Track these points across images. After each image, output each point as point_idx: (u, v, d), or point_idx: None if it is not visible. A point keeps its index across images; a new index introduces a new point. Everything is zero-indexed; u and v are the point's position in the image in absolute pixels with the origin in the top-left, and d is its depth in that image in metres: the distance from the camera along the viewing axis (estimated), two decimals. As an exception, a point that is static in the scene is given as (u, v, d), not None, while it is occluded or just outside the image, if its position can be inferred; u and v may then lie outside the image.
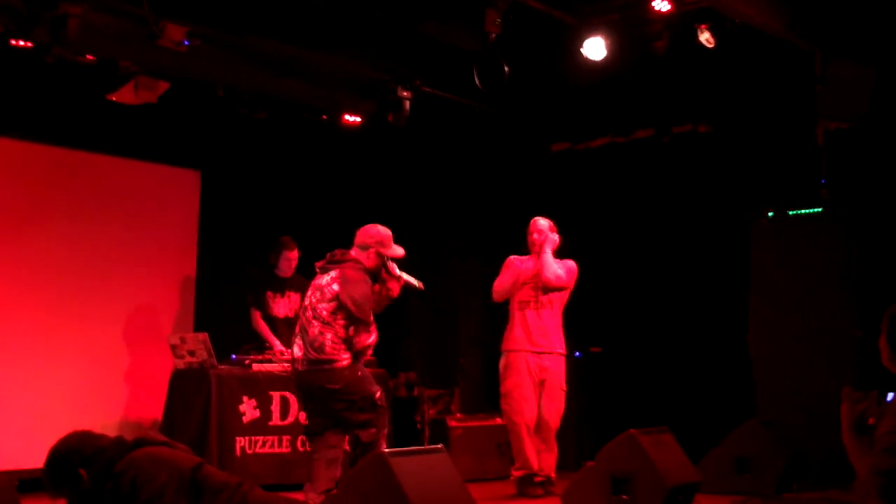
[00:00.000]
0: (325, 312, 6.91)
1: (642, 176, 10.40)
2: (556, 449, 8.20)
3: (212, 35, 8.39)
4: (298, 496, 6.75)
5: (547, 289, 8.21)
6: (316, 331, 6.90)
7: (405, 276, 7.31)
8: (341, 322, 6.92)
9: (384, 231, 7.26)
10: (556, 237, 8.35)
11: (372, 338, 7.08)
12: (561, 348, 8.27)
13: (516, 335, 8.21)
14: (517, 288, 8.29)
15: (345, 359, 6.91)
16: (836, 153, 9.09)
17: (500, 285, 8.37)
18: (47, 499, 7.06)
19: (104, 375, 9.26)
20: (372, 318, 7.04)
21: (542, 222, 8.39)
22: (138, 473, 4.06)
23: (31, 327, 8.89)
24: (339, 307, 6.91)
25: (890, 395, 3.79)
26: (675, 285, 10.16)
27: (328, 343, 6.88)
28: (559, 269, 8.24)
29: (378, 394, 7.00)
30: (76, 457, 4.21)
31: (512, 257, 8.45)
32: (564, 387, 8.22)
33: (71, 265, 9.19)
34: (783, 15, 8.39)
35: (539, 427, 8.10)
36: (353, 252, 7.14)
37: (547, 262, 8.20)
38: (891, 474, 3.44)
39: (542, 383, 8.14)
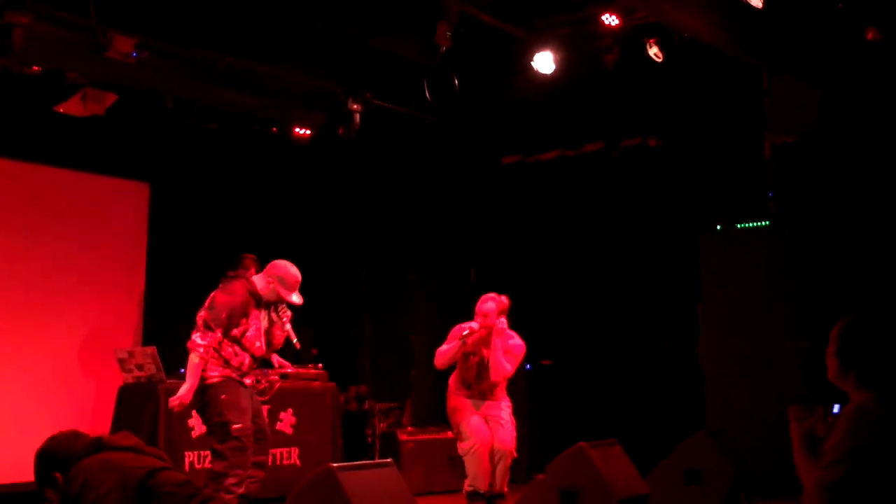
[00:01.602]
0: (199, 322, 6.71)
1: (592, 189, 10.46)
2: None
3: (160, 47, 8.33)
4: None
5: (495, 384, 7.97)
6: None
7: (289, 328, 7.02)
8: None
9: (293, 272, 6.94)
10: (503, 322, 7.79)
11: (243, 359, 6.80)
12: (507, 406, 7.97)
13: (462, 403, 7.88)
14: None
15: (214, 376, 6.67)
16: (783, 167, 9.17)
17: (444, 354, 7.85)
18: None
19: (51, 390, 9.14)
20: (241, 334, 6.77)
21: (489, 305, 7.76)
22: (86, 479, 4.00)
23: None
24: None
25: (836, 408, 3.81)
26: (625, 298, 10.21)
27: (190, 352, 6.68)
28: (507, 366, 7.73)
29: (237, 426, 6.59)
30: (51, 459, 4.19)
31: (458, 326, 7.97)
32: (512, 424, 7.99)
33: (17, 278, 9.07)
34: (730, 31, 8.48)
35: (492, 452, 7.91)
36: (254, 276, 7.06)
37: (497, 362, 7.71)
38: (836, 487, 3.46)
39: (489, 417, 7.91)
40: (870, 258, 8.61)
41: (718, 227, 9.50)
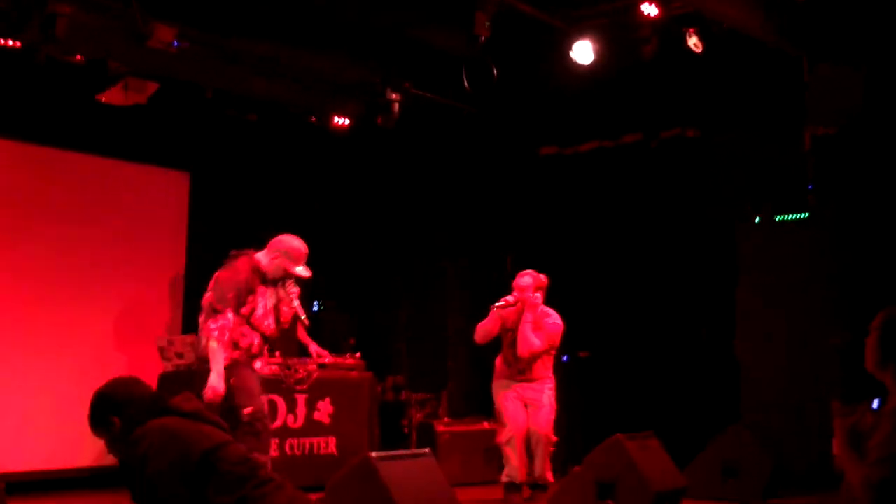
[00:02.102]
0: (205, 305, 6.58)
1: (630, 180, 10.42)
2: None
3: (201, 37, 8.40)
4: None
5: (523, 360, 8.05)
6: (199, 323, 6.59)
7: (297, 304, 6.85)
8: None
9: (298, 245, 6.81)
10: (538, 297, 7.93)
11: (253, 340, 6.61)
12: (550, 388, 8.06)
13: (502, 386, 8.02)
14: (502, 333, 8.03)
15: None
16: (823, 158, 9.12)
17: (481, 328, 7.96)
18: (34, 502, 7.07)
19: (92, 378, 9.03)
20: (249, 313, 6.61)
21: (525, 280, 7.92)
22: (149, 447, 4.02)
23: (18, 329, 8.86)
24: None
25: (875, 403, 3.80)
26: (663, 289, 10.18)
27: (202, 339, 6.52)
28: (534, 341, 7.83)
29: (248, 410, 6.40)
30: (110, 403, 4.22)
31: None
32: (553, 407, 8.06)
33: (60, 266, 9.17)
34: (771, 20, 8.43)
35: (528, 436, 7.96)
36: (258, 253, 6.80)
37: (523, 336, 7.83)
38: (883, 485, 3.45)
39: (528, 400, 7.98)
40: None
41: (757, 218, 9.46)
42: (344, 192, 11.15)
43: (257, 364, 6.70)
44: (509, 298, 7.85)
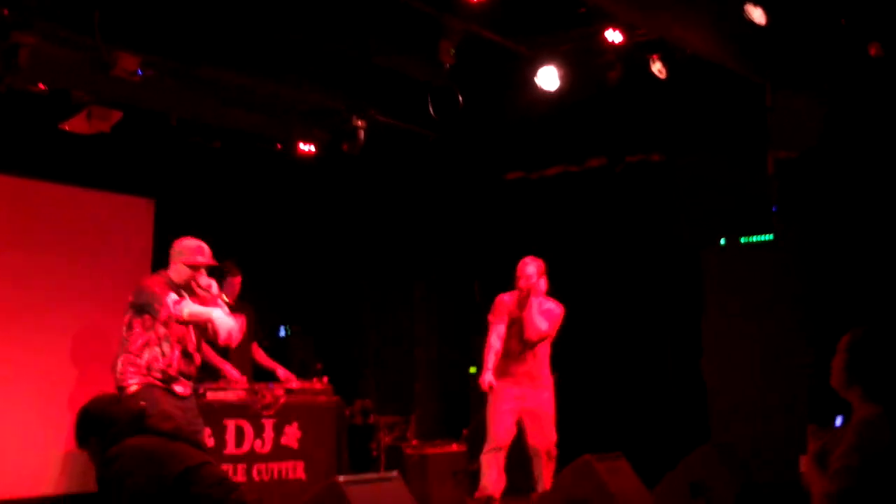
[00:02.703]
0: (123, 329, 6.48)
1: (596, 204, 10.49)
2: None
3: (165, 65, 8.38)
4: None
5: (530, 343, 8.16)
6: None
7: (216, 292, 6.75)
8: (135, 334, 6.42)
9: (189, 242, 6.78)
10: (543, 284, 8.20)
11: (172, 358, 6.39)
12: (548, 385, 8.24)
13: (499, 389, 8.14)
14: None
15: (132, 384, 6.28)
16: (787, 182, 9.21)
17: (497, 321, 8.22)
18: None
19: (53, 407, 9.12)
20: (184, 338, 6.48)
21: (531, 268, 8.17)
22: (123, 465, 4.03)
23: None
24: (133, 314, 6.43)
25: (839, 420, 3.85)
26: (629, 312, 10.23)
27: (118, 364, 6.41)
28: (542, 324, 8.08)
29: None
30: (89, 422, 4.24)
31: (501, 296, 8.35)
32: (553, 415, 8.18)
33: (21, 295, 9.08)
34: (733, 48, 8.54)
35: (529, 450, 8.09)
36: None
37: (530, 319, 8.06)
38: (843, 495, 3.50)
39: (526, 411, 8.10)
40: (874, 271, 8.63)
41: (722, 240, 9.53)
42: (310, 218, 11.15)
43: (178, 388, 6.40)
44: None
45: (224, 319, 6.33)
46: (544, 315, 8.11)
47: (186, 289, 6.61)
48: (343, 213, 11.17)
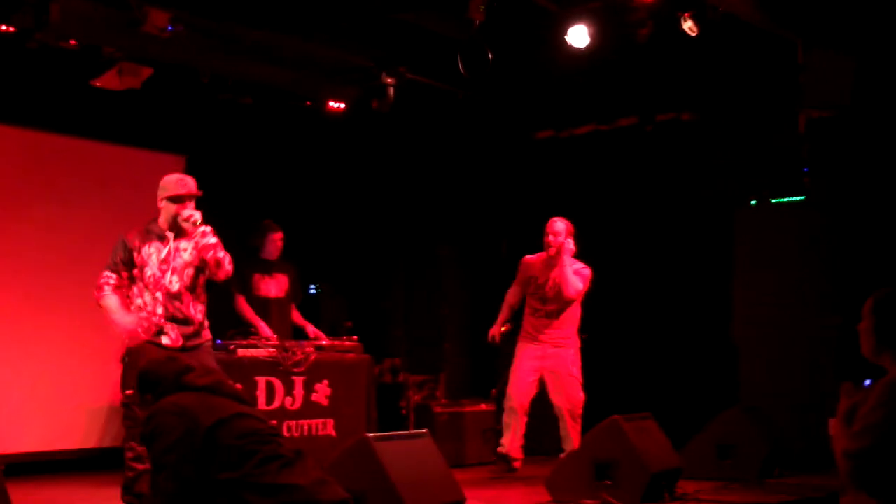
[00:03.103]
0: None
1: (626, 164, 10.45)
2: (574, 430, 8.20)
3: (195, 21, 8.37)
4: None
5: (565, 301, 8.18)
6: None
7: (214, 241, 6.31)
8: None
9: (170, 176, 6.45)
10: (571, 244, 8.25)
11: (155, 304, 6.23)
12: (572, 344, 8.30)
13: (526, 335, 8.32)
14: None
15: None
16: (818, 141, 9.15)
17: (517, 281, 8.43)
18: (33, 484, 7.09)
19: (88, 359, 9.24)
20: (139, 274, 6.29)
21: (560, 225, 8.21)
22: (157, 424, 4.09)
23: (13, 312, 8.87)
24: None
25: (867, 382, 3.82)
26: (659, 273, 10.21)
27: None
28: (578, 283, 8.17)
29: (128, 392, 5.82)
30: (143, 380, 4.33)
31: (525, 258, 8.45)
32: (576, 374, 8.24)
33: (54, 250, 9.17)
34: (766, 5, 8.43)
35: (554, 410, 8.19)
36: None
37: (567, 277, 8.11)
38: (861, 454, 3.49)
39: (547, 371, 8.17)
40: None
41: (753, 201, 9.49)
42: (340, 176, 11.15)
43: (164, 339, 6.18)
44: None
45: (121, 322, 6.17)
46: (576, 273, 8.14)
47: (174, 226, 6.31)
48: (373, 171, 11.17)
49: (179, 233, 6.34)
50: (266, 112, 10.12)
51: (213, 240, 6.28)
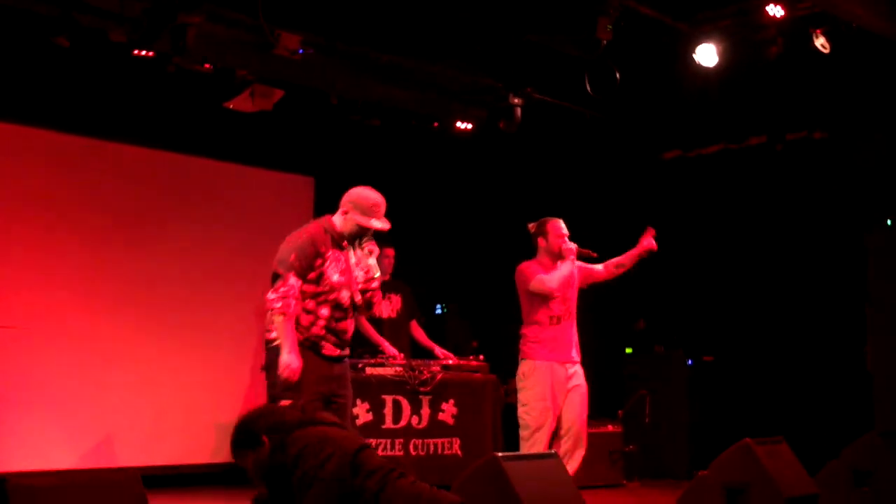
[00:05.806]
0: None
1: (755, 183, 10.30)
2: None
3: (325, 44, 8.52)
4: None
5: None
6: None
7: (372, 263, 6.00)
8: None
9: (368, 193, 6.03)
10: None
11: (318, 316, 5.70)
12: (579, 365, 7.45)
13: (547, 348, 7.44)
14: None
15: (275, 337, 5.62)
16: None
17: (553, 280, 7.61)
18: (166, 496, 7.24)
19: (220, 376, 9.45)
20: (317, 278, 5.76)
21: (564, 227, 7.86)
22: (305, 446, 4.34)
23: (151, 330, 9.14)
24: None
25: None
26: (789, 294, 10.03)
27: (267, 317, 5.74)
28: (600, 268, 7.86)
29: (286, 404, 5.25)
30: (262, 423, 4.51)
31: (526, 264, 7.93)
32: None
33: (189, 271, 9.41)
34: (901, 19, 8.27)
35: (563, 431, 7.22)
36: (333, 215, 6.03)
37: (588, 266, 7.85)
38: None
39: (569, 391, 7.27)
40: None
41: (889, 221, 9.26)
42: (467, 196, 11.20)
43: (324, 350, 5.73)
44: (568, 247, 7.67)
45: (286, 358, 5.40)
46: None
47: (350, 240, 5.99)
48: (500, 192, 11.19)
49: (352, 247, 6.03)
50: (393, 133, 10.22)
51: (372, 260, 6.02)
